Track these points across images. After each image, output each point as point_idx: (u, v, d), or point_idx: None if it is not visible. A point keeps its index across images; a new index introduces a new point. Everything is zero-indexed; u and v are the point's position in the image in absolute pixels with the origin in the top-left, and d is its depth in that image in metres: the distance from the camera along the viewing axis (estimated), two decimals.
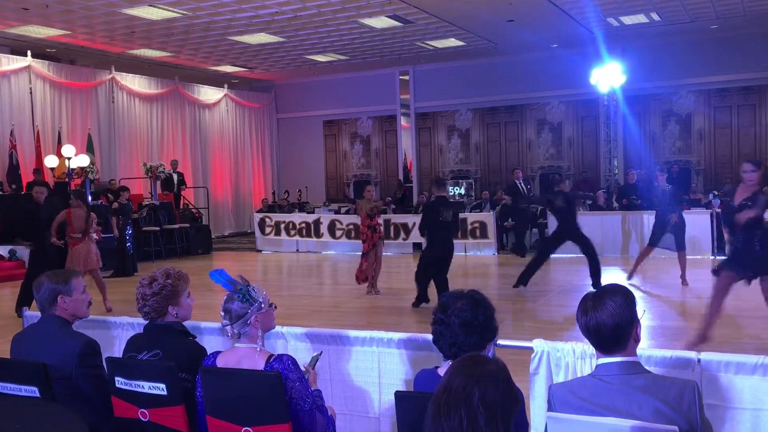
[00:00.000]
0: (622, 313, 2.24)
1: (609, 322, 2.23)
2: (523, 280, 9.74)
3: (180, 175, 17.85)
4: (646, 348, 2.84)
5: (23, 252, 12.04)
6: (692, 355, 2.85)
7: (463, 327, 2.51)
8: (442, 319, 2.56)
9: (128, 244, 13.17)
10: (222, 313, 2.85)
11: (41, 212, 9.24)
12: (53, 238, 9.12)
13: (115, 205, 13.65)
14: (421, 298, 8.94)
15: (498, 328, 2.61)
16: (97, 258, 9.41)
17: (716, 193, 15.62)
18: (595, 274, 9.44)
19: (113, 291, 11.01)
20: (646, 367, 2.35)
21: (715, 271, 6.11)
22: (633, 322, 2.27)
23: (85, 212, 9.38)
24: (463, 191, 19.89)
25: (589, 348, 2.92)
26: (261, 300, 2.86)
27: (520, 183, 14.57)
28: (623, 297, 2.28)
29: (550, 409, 2.30)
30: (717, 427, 2.72)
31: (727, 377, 2.78)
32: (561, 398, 2.28)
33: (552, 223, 14.35)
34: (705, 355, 2.83)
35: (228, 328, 2.84)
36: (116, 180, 16.80)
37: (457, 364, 1.93)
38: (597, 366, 2.30)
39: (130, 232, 13.25)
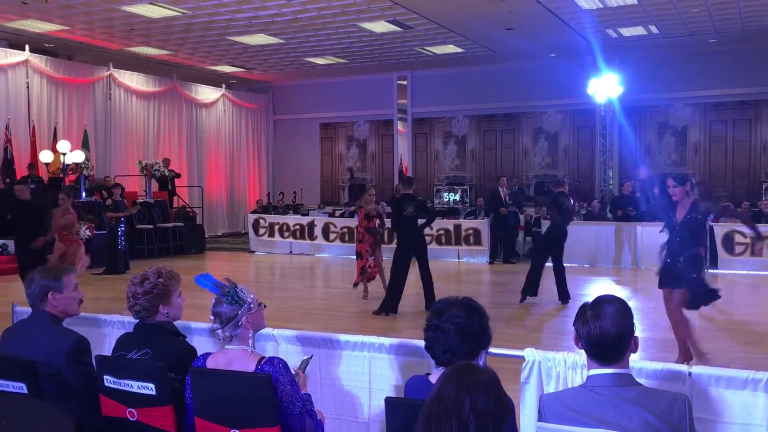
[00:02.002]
0: (623, 322, 2.24)
1: (613, 331, 2.23)
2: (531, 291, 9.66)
3: (171, 172, 17.80)
4: (637, 360, 2.84)
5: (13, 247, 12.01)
6: (683, 368, 2.85)
7: (459, 333, 2.50)
8: (437, 325, 2.54)
9: (120, 241, 13.14)
10: (212, 317, 2.83)
11: (28, 208, 9.19)
12: (45, 238, 9.10)
13: (109, 201, 13.63)
14: (388, 305, 8.80)
15: (492, 336, 2.60)
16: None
17: None
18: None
19: (104, 288, 10.99)
20: (638, 380, 2.35)
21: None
22: (633, 331, 2.27)
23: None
24: (458, 198, 19.92)
25: (581, 358, 2.92)
26: (249, 300, 2.84)
27: (502, 191, 14.52)
28: (621, 306, 2.29)
29: (540, 419, 2.30)
30: None
31: (717, 391, 2.78)
32: (552, 409, 2.27)
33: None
34: (696, 369, 2.83)
35: (219, 331, 2.82)
36: (111, 177, 16.75)
37: (448, 373, 1.92)
38: (588, 377, 2.30)
39: (122, 229, 13.21)
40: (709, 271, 12.49)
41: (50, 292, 3.20)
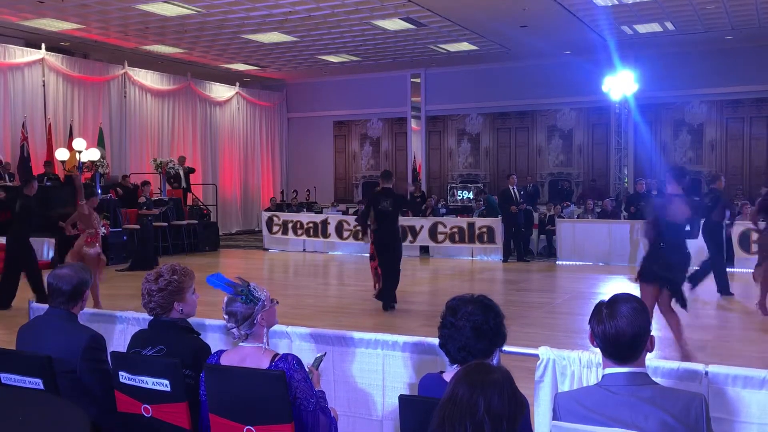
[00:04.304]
0: (639, 321, 2.23)
1: (629, 331, 2.21)
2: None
3: (187, 169, 17.90)
4: (653, 359, 2.81)
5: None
6: (700, 367, 2.82)
7: (474, 331, 2.49)
8: (452, 322, 2.53)
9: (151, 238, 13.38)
10: (225, 317, 2.83)
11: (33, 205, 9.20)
12: (68, 228, 9.11)
13: (142, 198, 13.74)
14: (386, 301, 8.91)
15: (506, 334, 2.59)
16: None
17: None
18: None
19: (127, 285, 11.01)
20: (654, 379, 2.33)
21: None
22: (649, 330, 2.25)
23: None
24: (471, 196, 19.87)
25: (596, 357, 2.90)
26: (263, 298, 2.84)
27: (513, 189, 14.45)
28: (638, 305, 2.27)
29: (555, 418, 2.28)
30: None
31: (734, 391, 2.76)
32: (566, 407, 2.26)
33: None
34: (713, 368, 2.80)
35: (234, 330, 2.82)
36: (128, 175, 16.86)
37: (462, 373, 1.91)
38: (604, 376, 2.28)
39: (152, 226, 13.41)
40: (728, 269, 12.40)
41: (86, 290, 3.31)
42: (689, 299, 6.33)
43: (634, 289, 9.82)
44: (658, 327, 7.45)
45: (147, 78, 18.82)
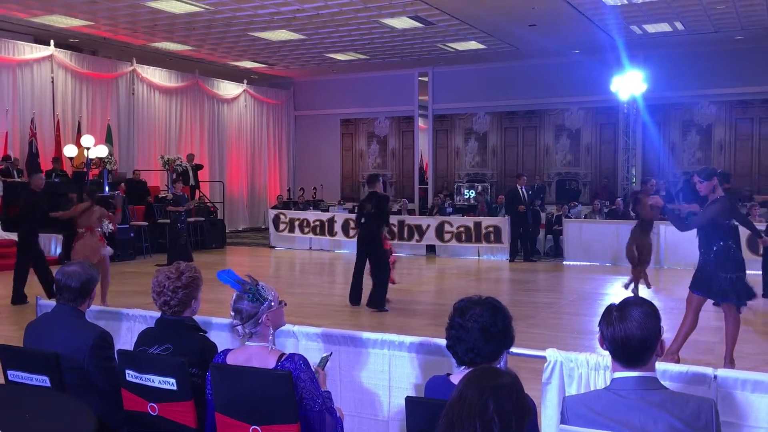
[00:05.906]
0: (649, 324, 2.21)
1: (638, 334, 2.19)
2: None
3: (196, 166, 17.91)
4: (661, 363, 2.79)
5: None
6: (709, 371, 2.81)
7: (482, 333, 2.48)
8: (460, 323, 2.52)
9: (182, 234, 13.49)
10: (232, 313, 2.84)
11: (40, 200, 9.24)
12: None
13: (170, 195, 13.85)
14: (353, 296, 9.27)
15: (515, 336, 2.58)
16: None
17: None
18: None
19: (133, 282, 11.02)
20: (662, 382, 2.31)
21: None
22: (659, 334, 2.23)
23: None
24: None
25: (603, 360, 2.89)
26: (271, 298, 2.84)
27: (521, 189, 14.42)
28: (649, 308, 2.25)
29: (563, 421, 2.27)
30: None
31: (743, 395, 2.74)
32: (574, 411, 2.24)
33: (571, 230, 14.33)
34: (722, 372, 2.79)
35: (239, 327, 2.82)
36: (139, 172, 16.90)
37: (470, 376, 1.90)
38: (613, 380, 2.26)
39: (183, 221, 13.51)
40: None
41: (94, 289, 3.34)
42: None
43: (641, 290, 9.78)
44: (666, 329, 7.41)
45: (155, 75, 18.85)
